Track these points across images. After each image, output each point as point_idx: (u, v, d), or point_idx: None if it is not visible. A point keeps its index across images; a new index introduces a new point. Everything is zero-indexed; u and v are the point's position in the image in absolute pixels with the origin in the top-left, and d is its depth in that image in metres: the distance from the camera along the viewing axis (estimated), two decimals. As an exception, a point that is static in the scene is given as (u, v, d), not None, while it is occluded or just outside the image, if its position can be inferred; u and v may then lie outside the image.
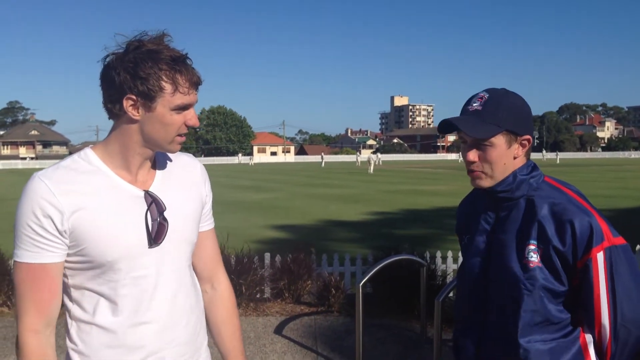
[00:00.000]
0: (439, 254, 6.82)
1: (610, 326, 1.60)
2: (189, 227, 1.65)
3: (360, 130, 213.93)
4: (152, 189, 1.58)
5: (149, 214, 1.54)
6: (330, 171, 46.89)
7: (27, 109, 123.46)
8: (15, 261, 1.47)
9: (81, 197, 1.46)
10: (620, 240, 1.61)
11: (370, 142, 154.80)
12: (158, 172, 1.63)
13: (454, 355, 1.92)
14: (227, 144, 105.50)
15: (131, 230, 1.51)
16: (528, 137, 1.67)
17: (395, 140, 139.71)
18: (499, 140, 1.63)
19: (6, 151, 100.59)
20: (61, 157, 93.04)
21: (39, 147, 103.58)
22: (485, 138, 1.63)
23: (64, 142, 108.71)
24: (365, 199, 20.39)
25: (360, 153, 77.78)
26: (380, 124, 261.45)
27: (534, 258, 1.61)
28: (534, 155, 61.98)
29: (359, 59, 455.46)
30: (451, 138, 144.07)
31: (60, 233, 1.45)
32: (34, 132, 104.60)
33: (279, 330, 5.41)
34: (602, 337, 1.62)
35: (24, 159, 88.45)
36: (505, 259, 1.66)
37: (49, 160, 79.64)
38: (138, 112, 1.47)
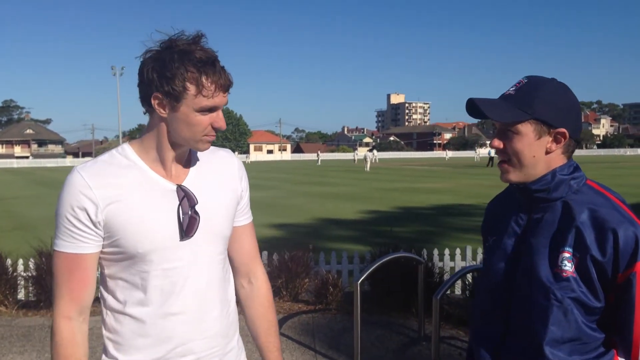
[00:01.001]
0: (436, 251, 6.83)
1: None
2: (222, 221, 1.67)
3: (356, 128, 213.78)
4: (185, 184, 1.61)
5: (180, 207, 1.58)
6: (326, 169, 46.89)
7: (22, 108, 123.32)
8: (54, 250, 1.54)
9: (115, 190, 1.52)
10: None
11: (367, 139, 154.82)
12: (193, 167, 1.66)
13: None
14: (224, 142, 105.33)
15: (163, 223, 1.55)
16: (563, 130, 1.49)
17: (391, 138, 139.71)
18: (526, 128, 1.49)
19: (1, 150, 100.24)
20: (56, 156, 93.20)
21: (34, 146, 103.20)
22: (505, 122, 1.50)
23: (59, 141, 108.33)
24: (362, 197, 20.40)
25: (357, 151, 77.61)
26: (376, 121, 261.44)
27: (568, 267, 1.46)
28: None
29: (356, 57, 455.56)
30: (447, 135, 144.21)
31: (94, 225, 1.50)
32: (29, 131, 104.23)
33: (277, 329, 5.40)
34: None
35: (20, 157, 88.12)
36: (535, 265, 1.51)
37: (44, 159, 79.52)
38: (165, 110, 1.51)
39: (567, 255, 1.47)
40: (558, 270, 1.47)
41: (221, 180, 1.70)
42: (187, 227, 1.58)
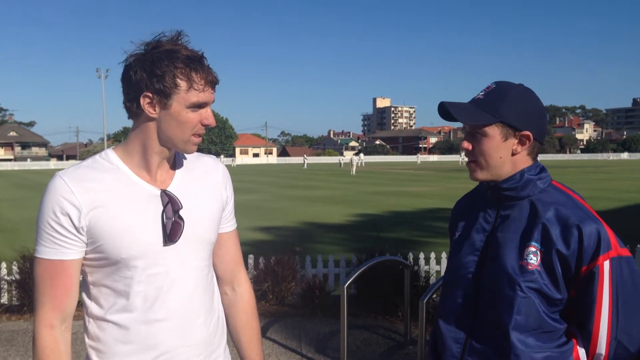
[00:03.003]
0: (422, 255, 6.85)
1: (608, 343, 1.53)
2: (207, 227, 1.66)
3: (342, 131, 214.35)
4: (170, 189, 1.61)
5: (164, 212, 1.56)
6: (312, 172, 46.88)
7: (6, 110, 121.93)
8: (35, 257, 1.51)
9: (99, 195, 1.50)
10: (626, 252, 1.54)
11: (353, 143, 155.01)
12: (178, 172, 1.66)
13: (430, 355, 1.86)
14: (209, 145, 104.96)
15: (147, 228, 1.54)
16: (527, 133, 1.58)
17: (377, 142, 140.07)
18: (494, 131, 1.58)
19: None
20: (40, 158, 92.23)
21: (18, 149, 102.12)
22: (474, 125, 1.58)
23: (43, 144, 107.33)
24: (348, 201, 20.43)
25: (343, 156, 77.70)
26: (362, 125, 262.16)
27: (534, 260, 1.54)
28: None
29: (342, 61, 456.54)
30: (433, 140, 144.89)
31: (77, 230, 1.48)
32: (12, 134, 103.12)
33: (263, 332, 5.40)
34: (596, 353, 1.55)
35: (3, 160, 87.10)
36: (502, 259, 1.59)
37: (28, 161, 78.73)
38: (155, 110, 1.50)
39: (532, 249, 1.55)
40: (524, 263, 1.55)
41: (206, 186, 1.69)
42: (171, 232, 1.56)
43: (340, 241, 11.34)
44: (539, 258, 1.54)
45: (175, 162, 1.66)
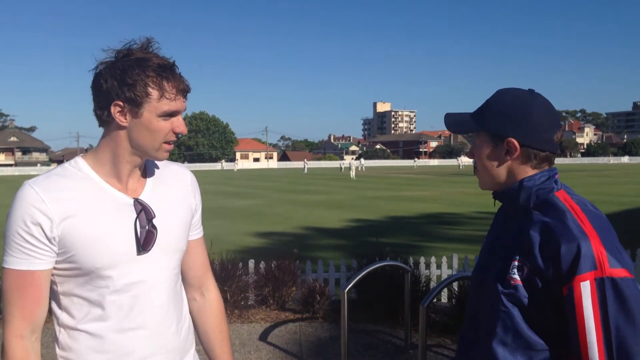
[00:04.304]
0: (422, 260, 6.86)
1: None
2: (179, 235, 1.66)
3: (342, 136, 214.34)
4: (142, 197, 1.60)
5: (138, 221, 1.55)
6: (313, 177, 46.90)
7: (7, 115, 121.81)
8: (3, 267, 1.49)
9: (71, 205, 1.48)
10: (621, 273, 1.37)
11: (353, 148, 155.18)
12: (149, 180, 1.65)
13: None
14: (210, 150, 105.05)
15: (120, 237, 1.52)
16: (511, 139, 1.51)
17: (377, 146, 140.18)
18: (482, 140, 1.58)
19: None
20: (41, 163, 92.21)
21: (19, 154, 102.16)
22: (463, 134, 1.60)
23: (44, 149, 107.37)
24: (348, 205, 20.44)
25: (345, 161, 77.64)
26: (362, 129, 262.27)
27: (516, 275, 1.48)
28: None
29: (342, 65, 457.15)
30: (433, 144, 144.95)
31: (49, 240, 1.46)
32: (13, 139, 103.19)
33: (263, 337, 5.40)
34: None
35: (3, 165, 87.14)
36: (492, 271, 1.56)
37: (28, 167, 78.80)
38: (125, 119, 1.49)
39: (516, 263, 1.49)
40: (509, 277, 1.50)
41: (176, 194, 1.69)
42: (145, 241, 1.56)
43: (341, 246, 11.35)
44: (523, 273, 1.47)
45: (146, 170, 1.65)
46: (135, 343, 1.56)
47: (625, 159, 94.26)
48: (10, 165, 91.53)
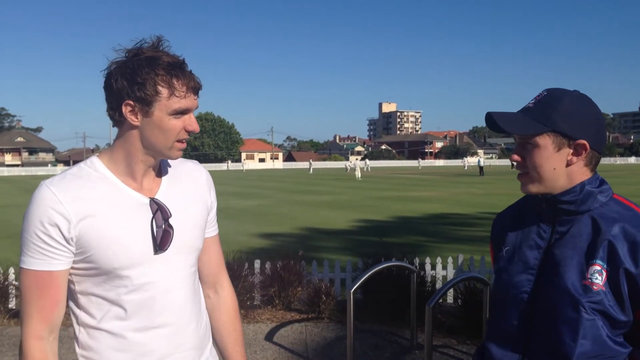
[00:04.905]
0: (428, 260, 6.86)
1: None
2: (195, 234, 1.67)
3: (348, 136, 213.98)
4: (158, 196, 1.60)
5: (154, 221, 1.56)
6: (318, 177, 46.91)
7: (14, 116, 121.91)
8: (21, 268, 1.49)
9: (88, 205, 1.48)
10: None
11: (359, 148, 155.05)
12: (164, 179, 1.65)
13: None
14: (215, 150, 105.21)
15: (137, 237, 1.53)
16: (583, 142, 1.47)
17: (383, 147, 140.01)
18: (545, 140, 1.49)
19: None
20: (47, 164, 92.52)
21: (25, 154, 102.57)
22: (524, 135, 1.50)
23: (50, 149, 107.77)
24: (353, 206, 20.43)
25: (350, 161, 77.55)
26: (368, 130, 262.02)
27: (599, 280, 1.43)
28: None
29: (348, 66, 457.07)
30: (439, 144, 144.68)
31: (67, 241, 1.46)
32: (19, 139, 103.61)
33: (269, 337, 5.41)
34: None
35: (10, 166, 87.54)
36: (563, 278, 1.47)
37: (35, 167, 79.14)
38: (137, 118, 1.49)
39: (597, 268, 1.44)
40: (588, 282, 1.44)
41: (191, 192, 1.69)
42: (161, 240, 1.56)
43: (346, 246, 11.34)
44: (604, 277, 1.43)
45: (161, 170, 1.66)
46: (155, 342, 1.57)
47: (632, 160, 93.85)
48: (17, 165, 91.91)
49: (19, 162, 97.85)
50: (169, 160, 1.69)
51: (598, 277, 1.43)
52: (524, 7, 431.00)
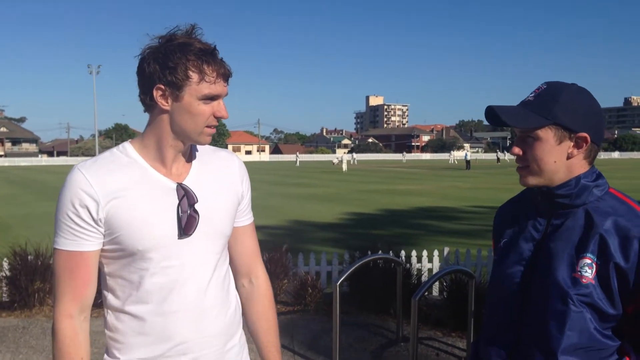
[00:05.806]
0: (414, 253, 6.87)
1: None
2: (222, 221, 1.68)
3: (335, 129, 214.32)
4: (186, 182, 1.62)
5: (180, 206, 1.58)
6: (305, 170, 46.89)
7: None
8: (54, 248, 1.54)
9: (116, 187, 1.52)
10: None
11: (346, 141, 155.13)
12: (194, 165, 1.67)
13: None
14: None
15: (162, 221, 1.56)
16: (584, 134, 1.48)
17: (370, 140, 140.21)
18: (546, 133, 1.49)
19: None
20: (31, 154, 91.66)
21: (8, 145, 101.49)
22: (525, 128, 1.50)
23: (34, 140, 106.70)
24: (340, 199, 20.45)
25: (337, 154, 77.58)
26: (355, 123, 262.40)
27: (588, 273, 1.44)
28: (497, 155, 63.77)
29: (335, 59, 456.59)
30: (425, 138, 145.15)
31: (95, 222, 1.51)
32: (2, 129, 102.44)
33: (255, 330, 5.38)
34: None
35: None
36: (553, 270, 1.49)
37: (18, 158, 78.36)
38: (167, 102, 1.52)
39: (587, 261, 1.45)
40: (577, 275, 1.45)
41: (222, 180, 1.71)
42: (186, 225, 1.58)
43: (333, 239, 11.35)
44: (594, 271, 1.44)
45: (191, 156, 1.68)
46: (175, 326, 1.59)
47: (616, 155, 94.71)
48: (0, 156, 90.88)
49: (2, 153, 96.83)
50: (202, 148, 1.73)
51: (588, 270, 1.45)
52: (511, 1, 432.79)
